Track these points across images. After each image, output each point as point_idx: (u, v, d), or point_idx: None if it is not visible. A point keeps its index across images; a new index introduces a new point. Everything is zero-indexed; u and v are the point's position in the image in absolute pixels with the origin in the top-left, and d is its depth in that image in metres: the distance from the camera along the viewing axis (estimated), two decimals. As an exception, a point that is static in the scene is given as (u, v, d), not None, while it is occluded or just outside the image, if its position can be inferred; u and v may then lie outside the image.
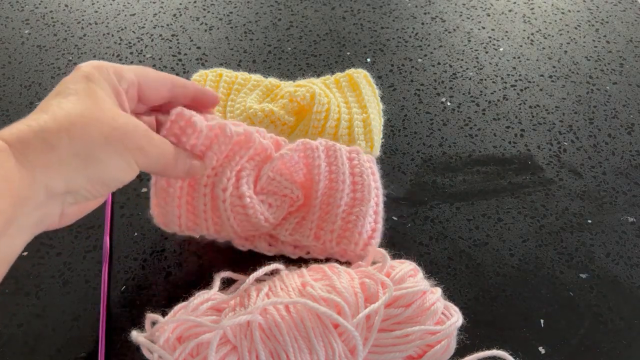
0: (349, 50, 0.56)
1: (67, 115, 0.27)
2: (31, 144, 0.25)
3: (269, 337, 0.29)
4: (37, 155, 0.25)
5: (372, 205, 0.37)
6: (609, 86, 0.53)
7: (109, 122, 0.28)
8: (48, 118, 0.26)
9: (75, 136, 0.26)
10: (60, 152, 0.26)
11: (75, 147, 0.26)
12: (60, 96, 0.28)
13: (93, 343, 0.35)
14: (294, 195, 0.38)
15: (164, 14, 0.60)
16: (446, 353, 0.30)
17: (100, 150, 0.27)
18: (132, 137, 0.29)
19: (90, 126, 0.27)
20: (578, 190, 0.45)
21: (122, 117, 0.29)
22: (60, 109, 0.27)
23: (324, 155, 0.38)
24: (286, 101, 0.44)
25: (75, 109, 0.27)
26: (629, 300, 0.38)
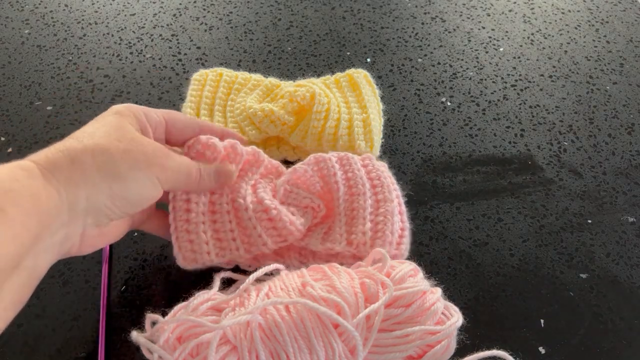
0: (349, 50, 0.56)
1: (91, 137, 0.28)
2: (57, 162, 0.27)
3: (269, 337, 0.29)
4: (62, 172, 0.26)
5: (395, 204, 0.37)
6: (609, 86, 0.53)
7: (128, 142, 0.29)
8: (75, 142, 0.28)
9: (97, 153, 0.28)
10: (84, 168, 0.27)
11: (98, 162, 0.27)
12: (89, 127, 0.30)
13: (93, 343, 0.35)
14: (315, 205, 0.38)
15: (164, 14, 0.60)
16: (446, 353, 0.30)
17: (122, 166, 0.28)
18: (152, 154, 0.30)
19: (112, 144, 0.28)
20: (578, 190, 0.45)
21: (143, 139, 0.30)
22: (87, 134, 0.29)
23: (338, 165, 0.38)
24: (286, 101, 0.44)
25: (101, 133, 0.29)
26: (629, 300, 0.38)
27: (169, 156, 0.31)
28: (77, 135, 0.29)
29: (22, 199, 0.24)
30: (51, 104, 0.50)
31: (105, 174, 0.28)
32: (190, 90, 0.47)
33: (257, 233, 0.35)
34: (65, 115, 0.49)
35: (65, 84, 0.52)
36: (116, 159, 0.28)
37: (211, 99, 0.47)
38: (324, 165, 0.38)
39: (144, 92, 0.51)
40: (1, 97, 0.51)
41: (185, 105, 0.46)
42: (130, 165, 0.29)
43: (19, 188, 0.24)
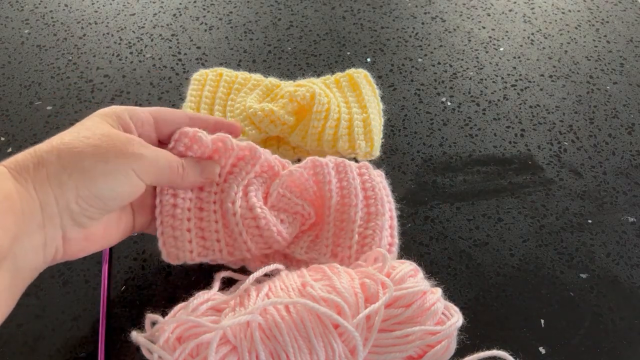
0: (349, 50, 0.56)
1: (60, 138, 0.28)
2: (25, 164, 0.26)
3: (269, 338, 0.29)
4: (29, 173, 0.26)
5: (387, 219, 0.36)
6: (609, 86, 0.53)
7: (99, 135, 0.28)
8: (44, 144, 0.28)
9: (63, 152, 0.27)
10: (48, 168, 0.26)
11: (63, 162, 0.27)
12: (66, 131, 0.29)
13: (93, 343, 0.35)
14: (306, 213, 0.37)
15: (164, 13, 0.60)
16: (446, 353, 0.30)
17: (88, 161, 0.27)
18: (125, 145, 0.28)
19: (79, 142, 0.27)
20: (578, 190, 0.45)
21: (117, 133, 0.29)
22: (58, 136, 0.28)
23: (334, 172, 0.37)
24: (286, 101, 0.44)
25: (71, 134, 0.28)
26: (629, 300, 0.38)
27: (146, 146, 0.30)
28: (50, 139, 0.28)
29: None
30: (51, 104, 0.50)
31: (72, 171, 0.26)
32: (190, 90, 0.47)
33: (242, 239, 0.35)
34: (65, 115, 0.49)
35: (65, 84, 0.52)
36: (82, 156, 0.27)
37: (211, 99, 0.47)
38: (320, 171, 0.37)
39: (144, 92, 0.51)
40: (1, 97, 0.51)
41: (185, 105, 0.46)
42: (98, 159, 0.27)
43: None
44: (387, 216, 0.36)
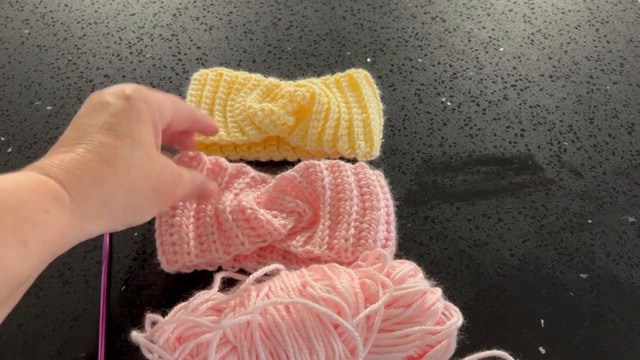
0: (349, 50, 0.56)
1: (126, 169, 0.27)
2: (87, 195, 0.25)
3: (269, 337, 0.29)
4: (92, 208, 0.26)
5: (382, 214, 0.37)
6: (609, 86, 0.53)
7: (156, 177, 0.29)
8: (106, 168, 0.26)
9: (130, 192, 0.27)
10: (115, 206, 0.27)
11: (128, 200, 0.27)
12: (112, 133, 0.28)
13: (93, 343, 0.35)
14: (300, 209, 0.38)
15: (164, 13, 0.60)
16: (446, 353, 0.30)
17: (146, 202, 0.29)
18: (171, 188, 0.31)
19: (145, 182, 0.28)
20: (578, 190, 0.45)
21: (164, 169, 0.30)
22: (117, 156, 0.27)
23: (327, 171, 0.38)
24: (286, 101, 0.44)
25: (132, 160, 0.28)
26: (629, 300, 0.38)
27: (180, 183, 0.32)
28: (107, 149, 0.27)
29: (49, 233, 0.23)
30: (51, 104, 0.50)
31: (130, 209, 0.28)
32: (190, 90, 0.47)
33: (234, 233, 0.36)
34: (65, 115, 0.49)
35: (65, 84, 0.52)
36: (143, 196, 0.28)
37: (211, 99, 0.47)
38: (313, 171, 0.38)
39: (144, 92, 0.51)
40: (1, 97, 0.51)
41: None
42: (152, 200, 0.29)
43: (49, 222, 0.23)
44: (382, 211, 0.37)
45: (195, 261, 0.36)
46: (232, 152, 0.45)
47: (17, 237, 0.22)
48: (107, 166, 0.26)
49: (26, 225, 0.22)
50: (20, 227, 0.22)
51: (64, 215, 0.24)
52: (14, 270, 0.22)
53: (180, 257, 0.36)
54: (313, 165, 0.38)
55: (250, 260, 0.37)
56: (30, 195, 0.23)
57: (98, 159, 0.26)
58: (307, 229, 0.38)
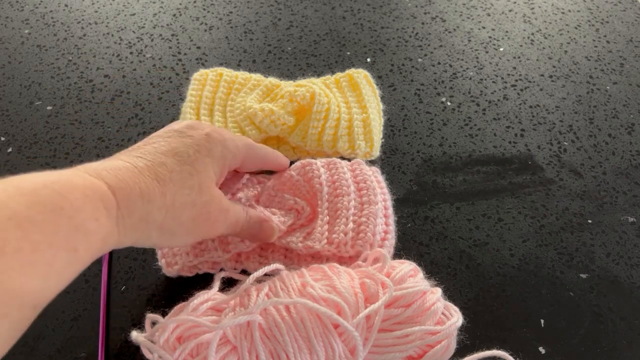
0: (349, 50, 0.56)
1: (173, 193, 0.27)
2: (132, 208, 0.26)
3: (269, 338, 0.29)
4: (133, 220, 0.26)
5: (380, 207, 0.37)
6: (609, 86, 0.53)
7: (201, 207, 0.29)
8: (156, 187, 0.27)
9: (170, 216, 0.27)
10: (152, 225, 0.27)
11: (166, 223, 0.27)
12: (176, 158, 0.29)
13: (93, 343, 0.35)
14: (299, 207, 0.38)
15: (164, 14, 0.60)
16: (446, 353, 0.30)
17: (183, 230, 0.29)
18: (213, 222, 0.30)
19: (187, 210, 0.28)
20: (578, 190, 0.45)
21: (212, 202, 0.30)
22: (171, 179, 0.28)
23: (323, 169, 0.38)
24: (286, 101, 0.44)
25: (183, 187, 0.28)
26: (629, 300, 0.38)
27: (226, 219, 0.31)
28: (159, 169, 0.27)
29: (96, 242, 0.24)
30: (51, 104, 0.50)
31: (164, 233, 0.28)
32: (190, 90, 0.47)
33: None
34: (65, 115, 0.49)
35: (65, 84, 0.52)
36: (181, 228, 0.28)
37: (211, 99, 0.47)
38: (310, 169, 0.38)
39: (144, 92, 0.51)
40: (1, 97, 0.51)
41: (185, 105, 0.46)
42: (189, 231, 0.29)
43: (97, 230, 0.23)
44: (380, 205, 0.37)
45: (194, 261, 0.36)
46: (232, 152, 0.45)
47: (69, 243, 0.22)
48: (158, 185, 0.27)
49: (79, 233, 0.22)
50: (73, 234, 0.22)
51: (110, 223, 0.24)
52: (64, 275, 0.22)
53: (179, 258, 0.36)
54: (309, 163, 0.39)
55: (252, 260, 0.37)
56: (84, 202, 0.23)
57: (152, 177, 0.27)
58: (306, 226, 0.38)
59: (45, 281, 0.21)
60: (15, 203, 0.21)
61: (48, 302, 0.22)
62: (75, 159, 0.46)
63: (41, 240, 0.21)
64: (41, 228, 0.21)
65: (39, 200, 0.21)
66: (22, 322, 0.21)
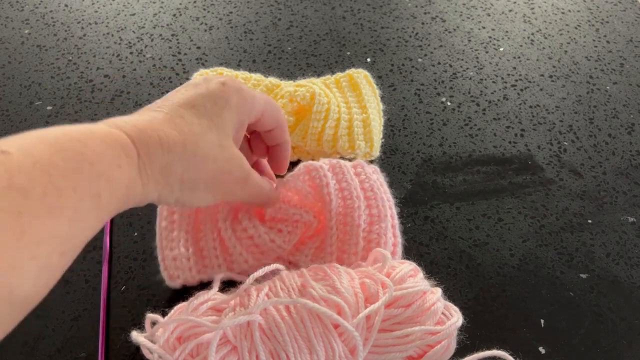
0: (349, 50, 0.56)
1: (194, 145, 0.27)
2: (152, 156, 0.26)
3: (269, 338, 0.29)
4: (154, 170, 0.26)
5: (389, 219, 0.36)
6: (609, 86, 0.53)
7: (222, 165, 0.29)
8: (176, 137, 0.27)
9: (190, 168, 0.27)
10: (172, 176, 0.27)
11: (185, 176, 0.27)
12: (194, 110, 0.28)
13: (93, 343, 0.35)
14: (306, 220, 0.36)
15: (164, 14, 0.60)
16: (446, 353, 0.30)
17: (202, 186, 0.28)
18: (232, 184, 0.30)
19: (207, 165, 0.28)
20: (578, 190, 0.45)
21: (233, 161, 0.30)
22: (190, 131, 0.27)
23: (330, 174, 0.37)
24: (286, 101, 0.44)
25: (203, 141, 0.28)
26: (629, 300, 0.38)
27: (246, 185, 0.31)
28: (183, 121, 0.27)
29: (119, 189, 0.24)
30: (51, 104, 0.50)
31: (185, 186, 0.28)
32: (190, 90, 0.47)
33: (237, 251, 0.35)
34: (65, 115, 0.49)
35: (65, 84, 0.52)
36: (201, 178, 0.28)
37: (211, 99, 0.47)
38: (316, 175, 0.37)
39: (144, 92, 0.51)
40: (1, 97, 0.51)
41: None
42: (209, 186, 0.29)
43: (120, 177, 0.24)
44: (388, 216, 0.37)
45: (197, 277, 0.35)
46: (232, 152, 0.45)
47: (92, 189, 0.22)
48: (177, 135, 0.27)
49: (101, 178, 0.22)
50: (96, 180, 0.22)
51: (132, 171, 0.24)
52: (89, 222, 0.22)
53: (182, 272, 0.35)
54: (315, 168, 0.37)
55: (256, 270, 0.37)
56: (105, 149, 0.23)
57: (171, 127, 0.27)
58: (314, 237, 0.37)
59: (71, 226, 0.21)
60: (38, 150, 0.21)
61: (75, 250, 0.22)
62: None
63: (65, 185, 0.21)
64: (64, 173, 0.21)
65: (62, 147, 0.22)
66: (50, 269, 0.21)
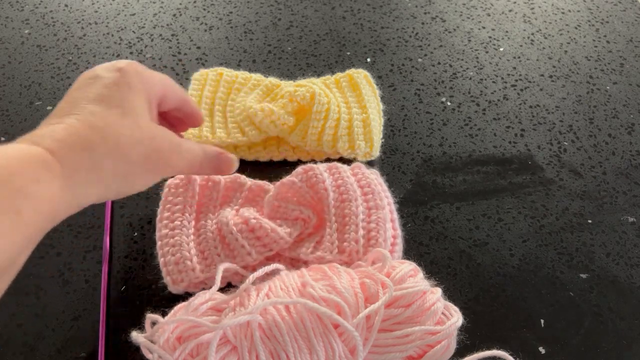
0: (349, 50, 0.56)
1: (115, 135, 0.27)
2: (77, 162, 0.26)
3: (269, 337, 0.29)
4: (82, 174, 0.26)
5: (387, 212, 0.37)
6: (609, 86, 0.53)
7: (149, 143, 0.29)
8: (95, 135, 0.27)
9: (118, 158, 0.27)
10: (104, 173, 0.27)
11: (118, 167, 0.27)
12: (103, 104, 0.28)
13: (93, 343, 0.35)
14: (305, 216, 0.37)
15: (164, 14, 0.60)
16: (446, 353, 0.30)
17: (138, 170, 0.28)
18: (168, 156, 0.30)
19: (134, 148, 0.28)
20: (578, 190, 0.45)
21: (159, 136, 0.30)
22: (107, 124, 0.27)
23: (327, 174, 0.38)
24: (286, 101, 0.44)
25: (122, 128, 0.28)
26: (629, 300, 0.38)
27: (178, 153, 0.31)
28: (95, 117, 0.27)
29: (42, 204, 0.24)
30: (51, 104, 0.50)
31: (121, 177, 0.28)
32: (191, 90, 0.47)
33: (239, 244, 0.35)
34: (65, 115, 0.49)
35: (65, 84, 0.52)
36: (135, 164, 0.28)
37: (211, 99, 0.47)
38: (313, 174, 0.37)
39: (144, 92, 0.51)
40: (1, 97, 0.51)
41: (185, 105, 0.46)
42: (145, 168, 0.29)
43: (40, 192, 0.24)
44: (387, 209, 0.37)
45: (201, 277, 0.35)
46: (232, 152, 0.45)
47: (10, 206, 0.22)
48: (96, 133, 0.27)
49: (19, 195, 0.23)
50: (13, 197, 0.22)
51: (55, 183, 0.25)
52: (10, 238, 0.22)
53: (186, 275, 0.35)
54: (312, 168, 0.38)
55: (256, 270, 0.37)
56: (20, 166, 0.23)
57: (87, 127, 0.27)
58: (313, 234, 0.37)
59: None
60: None
61: (3, 267, 0.23)
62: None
63: None
64: None
65: None
66: None
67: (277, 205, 0.38)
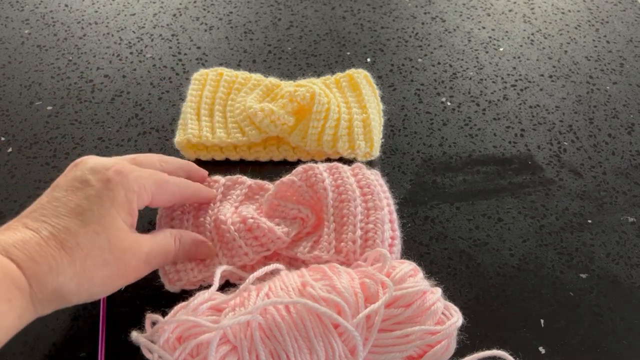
0: (349, 50, 0.56)
1: (82, 258, 0.28)
2: (44, 283, 0.27)
3: (269, 337, 0.29)
4: (48, 295, 0.27)
5: (386, 212, 0.36)
6: (609, 86, 0.53)
7: (116, 263, 0.30)
8: (64, 257, 0.27)
9: (82, 282, 0.28)
10: (66, 294, 0.28)
11: (80, 288, 0.28)
12: (81, 218, 0.29)
13: (93, 343, 0.35)
14: (304, 215, 0.37)
15: (164, 14, 0.60)
16: (446, 353, 0.30)
17: (99, 288, 0.29)
18: (133, 270, 0.31)
19: (99, 270, 0.29)
20: (578, 190, 0.45)
21: (130, 253, 0.30)
22: (78, 244, 0.28)
23: (327, 173, 0.38)
24: (286, 101, 0.44)
25: (92, 249, 0.28)
26: (629, 300, 0.38)
27: (146, 264, 0.32)
28: (65, 237, 0.28)
29: (8, 320, 0.25)
30: (51, 104, 0.50)
31: (81, 296, 0.29)
32: (191, 90, 0.47)
33: (237, 244, 0.35)
34: (65, 115, 0.49)
35: (65, 84, 0.52)
36: (95, 288, 0.29)
37: (211, 99, 0.47)
38: (312, 174, 0.38)
39: (144, 92, 0.51)
40: (1, 97, 0.51)
41: (186, 105, 0.46)
42: (107, 287, 0.30)
43: (9, 310, 0.25)
44: (386, 210, 0.37)
45: (199, 276, 0.35)
46: (232, 152, 0.45)
47: None
48: (65, 255, 0.27)
49: None
50: None
51: (23, 302, 0.26)
52: None
53: (184, 274, 0.35)
54: (312, 168, 0.38)
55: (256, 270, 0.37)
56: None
57: (59, 247, 0.28)
58: (311, 234, 0.37)
59: None
60: None
61: None
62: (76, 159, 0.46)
63: None
64: None
65: None
66: None
67: (276, 204, 0.38)
